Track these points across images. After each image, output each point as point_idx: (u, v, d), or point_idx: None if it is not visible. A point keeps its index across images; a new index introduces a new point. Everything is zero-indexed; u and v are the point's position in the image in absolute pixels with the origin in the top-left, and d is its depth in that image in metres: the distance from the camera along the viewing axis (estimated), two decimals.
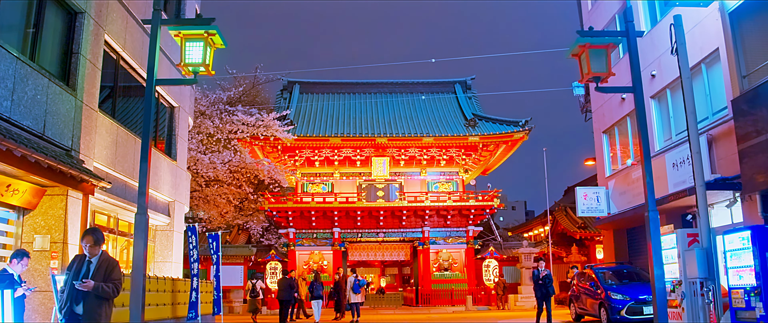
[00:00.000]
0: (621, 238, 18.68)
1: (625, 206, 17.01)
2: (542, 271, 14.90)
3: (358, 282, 19.03)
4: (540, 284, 14.79)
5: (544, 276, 14.77)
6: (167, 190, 14.75)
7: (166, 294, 13.19)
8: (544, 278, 14.75)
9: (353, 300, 18.88)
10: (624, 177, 17.25)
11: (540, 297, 14.85)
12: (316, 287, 19.20)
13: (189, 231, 11.91)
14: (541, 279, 14.76)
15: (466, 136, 29.34)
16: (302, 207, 29.62)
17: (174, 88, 15.46)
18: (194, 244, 11.68)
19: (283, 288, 19.05)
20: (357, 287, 18.90)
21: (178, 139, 15.79)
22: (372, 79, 35.37)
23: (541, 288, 14.78)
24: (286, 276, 19.39)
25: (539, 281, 14.80)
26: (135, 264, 10.15)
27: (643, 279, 14.96)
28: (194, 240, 11.70)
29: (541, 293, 14.80)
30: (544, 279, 14.74)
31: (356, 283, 18.97)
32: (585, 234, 30.29)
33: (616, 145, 18.52)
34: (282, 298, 19.01)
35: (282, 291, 19.05)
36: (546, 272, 14.94)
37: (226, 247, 28.51)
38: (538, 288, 14.87)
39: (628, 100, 17.32)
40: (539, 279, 14.80)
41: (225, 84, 29.49)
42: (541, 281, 14.76)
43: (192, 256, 11.62)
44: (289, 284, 19.15)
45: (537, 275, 14.92)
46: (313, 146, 30.14)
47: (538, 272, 14.95)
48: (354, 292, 18.89)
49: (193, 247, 11.63)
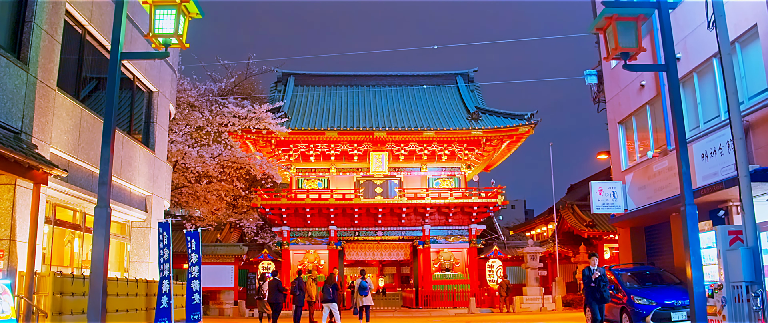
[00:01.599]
0: (638, 237, 17.32)
1: (644, 202, 15.65)
2: (595, 271, 12.10)
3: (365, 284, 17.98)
4: (593, 287, 12.06)
5: (597, 278, 11.99)
6: (144, 183, 13.37)
7: (139, 298, 11.79)
8: (597, 279, 11.99)
9: (362, 303, 17.78)
10: (643, 170, 15.89)
11: (594, 302, 12.13)
12: (328, 290, 17.84)
13: (160, 228, 10.52)
14: (594, 281, 12.01)
15: (469, 129, 27.97)
16: (297, 204, 28.25)
17: (152, 71, 14.08)
18: (165, 242, 10.31)
19: (272, 291, 17.81)
20: (365, 289, 17.83)
21: (157, 127, 14.40)
22: (370, 71, 34.00)
23: (594, 291, 12.07)
24: (275, 277, 18.11)
25: (592, 283, 12.06)
26: (94, 264, 8.74)
27: (669, 281, 13.61)
28: (166, 237, 10.32)
29: (594, 298, 12.10)
30: (599, 281, 12.00)
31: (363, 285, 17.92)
32: (593, 232, 28.95)
33: (633, 136, 17.15)
34: (271, 301, 17.82)
35: (271, 293, 17.82)
36: (600, 272, 12.12)
37: (217, 246, 27.13)
38: (591, 293, 12.14)
39: (648, 87, 15.96)
40: (592, 280, 12.04)
41: (216, 75, 28.06)
42: (594, 283, 12.02)
43: (162, 256, 10.24)
44: (277, 286, 17.91)
45: (589, 275, 12.15)
46: (308, 140, 28.76)
47: (590, 271, 12.16)
48: (362, 295, 17.80)
49: (164, 246, 10.26)
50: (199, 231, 12.18)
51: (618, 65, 18.10)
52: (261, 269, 28.38)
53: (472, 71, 33.31)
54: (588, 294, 12.23)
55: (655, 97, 15.57)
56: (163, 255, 10.23)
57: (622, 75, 17.71)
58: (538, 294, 26.41)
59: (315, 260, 29.19)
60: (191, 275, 12.15)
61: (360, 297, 17.81)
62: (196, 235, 11.99)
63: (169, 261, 10.31)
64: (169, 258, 10.31)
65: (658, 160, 15.12)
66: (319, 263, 29.24)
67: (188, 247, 11.92)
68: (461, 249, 29.42)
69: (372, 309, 19.50)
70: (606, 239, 29.62)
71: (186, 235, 12.01)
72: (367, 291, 17.83)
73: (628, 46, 10.09)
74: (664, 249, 16.12)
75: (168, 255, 10.33)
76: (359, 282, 17.97)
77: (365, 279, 18.20)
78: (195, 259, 11.95)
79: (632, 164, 17.06)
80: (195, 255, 11.95)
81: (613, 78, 18.32)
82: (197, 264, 11.93)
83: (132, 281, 11.35)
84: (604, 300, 11.95)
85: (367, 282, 18.26)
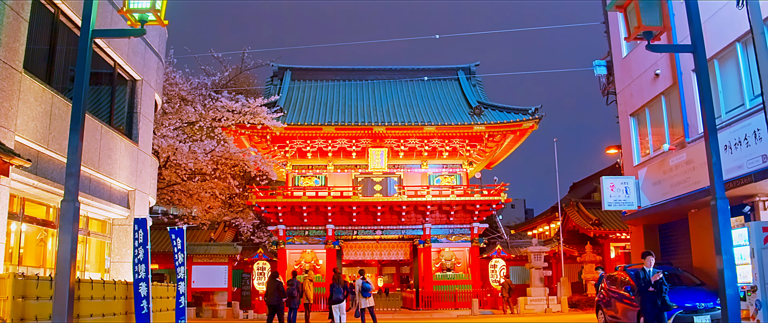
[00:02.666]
0: (652, 235, 16.43)
1: (659, 198, 14.76)
2: (655, 273, 10.19)
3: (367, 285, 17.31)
4: (651, 292, 10.15)
5: (657, 281, 10.10)
6: (125, 177, 12.46)
7: (118, 302, 10.87)
8: (656, 283, 10.11)
9: (364, 305, 17.12)
10: (658, 165, 15.00)
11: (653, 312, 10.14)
12: (336, 289, 17.26)
13: (136, 224, 9.61)
14: (652, 285, 10.14)
15: (471, 124, 27.06)
16: (293, 202, 27.33)
17: (136, 58, 13.16)
18: (141, 241, 9.38)
19: (271, 291, 16.91)
20: (367, 290, 17.15)
21: (141, 117, 13.48)
22: (369, 66, 33.08)
23: (652, 298, 10.15)
24: (275, 277, 17.23)
25: (650, 287, 10.15)
26: (60, 264, 7.85)
27: (689, 283, 12.73)
28: (142, 235, 9.40)
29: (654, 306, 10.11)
30: (658, 285, 10.12)
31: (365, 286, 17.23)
32: (599, 231, 28.09)
33: (646, 129, 16.26)
34: (270, 303, 16.92)
35: (269, 294, 16.94)
36: (659, 275, 10.11)
37: (210, 245, 26.22)
38: (649, 300, 10.19)
39: (663, 76, 15.07)
40: (650, 283, 10.13)
41: (210, 69, 27.10)
42: (652, 287, 10.14)
43: (136, 256, 9.32)
44: (277, 287, 17.02)
45: (645, 278, 10.23)
46: (304, 136, 27.84)
47: (646, 273, 10.25)
48: (364, 296, 17.12)
49: (139, 244, 9.34)
50: (184, 229, 11.26)
51: (629, 54, 17.23)
52: (256, 269, 27.47)
53: (474, 65, 32.40)
54: (645, 301, 10.28)
55: (671, 86, 14.68)
56: (138, 254, 9.32)
57: (634, 64, 16.83)
58: (542, 295, 25.53)
59: (312, 260, 28.26)
60: (177, 276, 11.22)
61: (362, 299, 17.17)
62: (181, 233, 11.08)
63: (145, 262, 9.39)
64: (145, 258, 9.39)
65: (674, 153, 14.24)
66: (316, 263, 28.33)
67: (173, 246, 10.99)
68: (463, 249, 28.51)
69: None
70: (612, 238, 28.77)
71: (170, 233, 11.10)
72: (370, 293, 17.18)
73: (651, 24, 9.23)
74: (680, 248, 15.24)
75: (144, 254, 9.42)
76: (361, 283, 17.26)
77: (367, 280, 17.51)
78: (181, 259, 11.04)
79: (645, 158, 16.17)
80: (181, 255, 11.04)
81: (625, 68, 17.43)
82: (183, 264, 11.00)
83: (109, 283, 10.41)
84: (666, 307, 10.04)
85: (369, 283, 17.60)
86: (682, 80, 14.12)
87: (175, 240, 10.87)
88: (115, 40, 12.03)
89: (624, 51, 17.54)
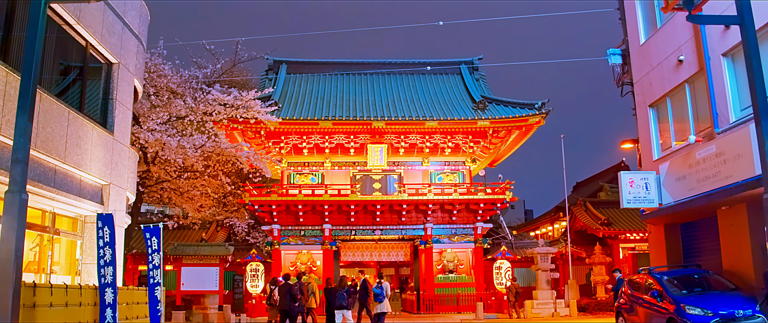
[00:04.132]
0: (674, 235, 15.23)
1: (684, 194, 13.54)
2: None
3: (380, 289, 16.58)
4: None
5: None
6: (98, 170, 11.22)
7: (86, 309, 9.65)
8: None
9: (378, 310, 16.46)
10: (682, 159, 13.78)
11: None
12: (341, 295, 16.49)
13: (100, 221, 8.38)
14: None
15: (475, 119, 25.84)
16: (288, 200, 26.10)
17: (111, 39, 11.93)
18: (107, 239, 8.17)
19: (283, 296, 15.79)
20: (380, 295, 16.42)
21: (117, 104, 12.25)
22: (368, 59, 31.88)
23: None
24: (287, 280, 16.07)
25: None
26: (2, 266, 6.63)
27: (721, 287, 11.52)
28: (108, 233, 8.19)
29: None
30: None
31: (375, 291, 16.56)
32: (608, 231, 26.90)
33: (667, 120, 15.06)
34: (281, 307, 15.83)
35: (281, 298, 15.81)
36: None
37: (200, 246, 24.96)
38: None
39: (688, 62, 13.87)
40: None
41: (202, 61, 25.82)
42: None
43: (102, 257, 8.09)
44: (289, 291, 15.92)
45: None
46: (300, 131, 26.60)
47: None
48: (377, 301, 16.47)
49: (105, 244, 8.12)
50: (160, 227, 10.04)
51: (648, 41, 16.04)
52: (249, 271, 26.21)
53: (477, 59, 31.21)
54: None
55: (697, 73, 13.48)
56: (104, 255, 8.10)
57: (653, 51, 15.64)
58: (549, 298, 24.30)
59: (308, 261, 27.06)
60: (153, 279, 9.98)
61: (375, 304, 16.52)
62: (156, 231, 9.84)
63: (113, 264, 8.17)
64: (112, 260, 8.17)
65: (701, 145, 13.03)
66: (312, 264, 27.12)
67: (148, 246, 9.77)
68: (466, 250, 27.32)
69: None
70: (622, 239, 27.59)
71: (145, 231, 9.88)
72: (383, 297, 16.44)
73: None
74: (706, 249, 14.03)
75: (111, 255, 8.21)
76: (374, 286, 16.68)
77: (381, 284, 16.73)
78: (157, 260, 9.80)
79: (667, 152, 14.96)
80: (157, 256, 9.81)
81: (643, 56, 16.23)
82: (159, 266, 9.77)
83: (74, 288, 9.19)
84: None
85: (383, 286, 16.77)
86: (711, 65, 12.92)
87: (150, 240, 9.65)
88: (88, 17, 10.81)
89: (642, 37, 16.35)
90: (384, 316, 16.45)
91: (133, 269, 27.84)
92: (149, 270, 9.90)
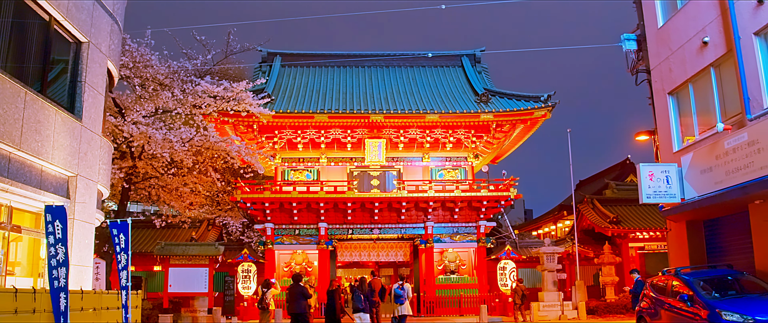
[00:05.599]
0: (697, 233, 14.06)
1: (711, 188, 12.39)
2: None
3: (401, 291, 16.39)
4: None
5: None
6: (63, 159, 10.03)
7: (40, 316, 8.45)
8: None
9: (400, 312, 16.23)
10: (708, 149, 12.62)
11: None
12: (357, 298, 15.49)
13: (49, 214, 7.21)
14: None
15: (478, 112, 24.65)
16: (282, 197, 24.90)
17: (80, 15, 10.73)
18: (59, 237, 7.01)
19: (294, 298, 14.63)
20: (400, 297, 16.10)
21: (87, 88, 11.04)
22: (366, 51, 30.70)
23: None
24: (297, 281, 14.93)
25: None
26: None
27: (757, 289, 10.34)
28: (59, 229, 7.03)
29: None
30: None
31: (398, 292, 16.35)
32: (618, 230, 25.73)
33: (690, 108, 13.90)
34: (292, 311, 14.69)
35: (292, 301, 14.65)
36: None
37: (189, 245, 23.77)
38: None
39: (714, 44, 12.70)
40: None
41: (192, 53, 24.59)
42: None
43: (54, 256, 6.93)
44: (300, 292, 14.79)
45: None
46: (295, 125, 25.39)
47: None
48: (397, 303, 16.22)
49: (56, 241, 6.95)
50: (128, 222, 8.85)
51: (668, 23, 14.87)
52: (241, 272, 25.00)
53: (479, 51, 30.03)
54: None
55: (725, 54, 12.32)
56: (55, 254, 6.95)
57: (673, 34, 14.48)
58: (556, 300, 23.09)
59: (303, 261, 25.88)
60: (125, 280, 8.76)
61: (395, 306, 16.29)
62: (124, 228, 8.65)
63: (65, 265, 7.00)
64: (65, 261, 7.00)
65: (730, 134, 11.87)
66: (308, 265, 25.94)
67: (115, 245, 8.58)
68: (468, 249, 26.15)
69: None
70: (631, 238, 26.44)
71: (111, 227, 8.69)
72: (404, 299, 16.21)
73: None
74: (734, 247, 12.87)
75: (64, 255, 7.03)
76: (394, 289, 16.42)
77: (402, 285, 16.49)
78: (124, 260, 8.60)
79: (689, 143, 13.79)
80: (124, 256, 8.61)
81: (661, 39, 15.06)
82: (126, 267, 8.56)
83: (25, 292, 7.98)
84: None
85: (404, 288, 16.40)
86: (741, 46, 11.75)
87: (117, 237, 8.47)
88: None
89: (660, 20, 15.19)
90: (405, 319, 16.18)
91: None
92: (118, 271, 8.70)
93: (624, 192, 30.97)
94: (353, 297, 15.88)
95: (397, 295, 16.07)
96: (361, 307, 15.49)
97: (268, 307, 15.90)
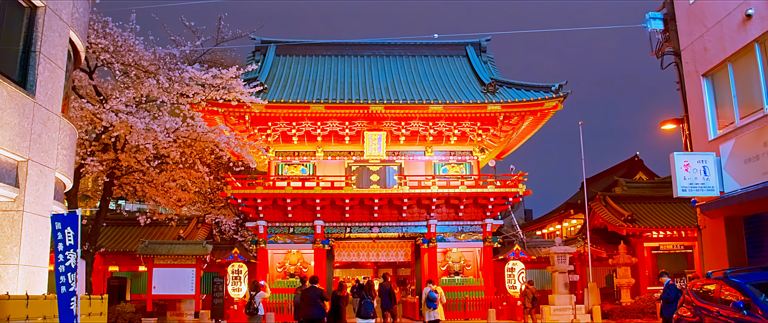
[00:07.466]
0: (736, 230, 12.57)
1: (758, 179, 10.91)
2: None
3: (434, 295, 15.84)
4: None
5: None
6: (9, 140, 8.50)
7: None
8: None
9: (431, 317, 15.78)
10: (754, 136, 11.14)
11: None
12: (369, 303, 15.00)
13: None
14: None
15: (485, 103, 23.15)
16: (275, 193, 23.39)
17: None
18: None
19: (311, 301, 13.41)
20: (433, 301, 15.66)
21: (42, 59, 9.51)
22: (365, 40, 29.20)
23: None
24: (313, 283, 13.53)
25: None
26: None
27: None
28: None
29: None
30: None
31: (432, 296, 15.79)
32: (633, 229, 24.24)
33: (729, 90, 12.40)
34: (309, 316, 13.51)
35: (308, 305, 13.41)
36: None
37: (174, 244, 22.25)
38: None
39: (759, 16, 11.21)
40: None
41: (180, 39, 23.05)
42: None
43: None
44: (319, 294, 13.58)
45: None
46: (290, 116, 23.86)
47: None
48: (429, 307, 15.75)
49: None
50: (77, 214, 7.32)
51: None
52: (231, 272, 23.47)
53: (485, 40, 28.53)
54: None
55: None
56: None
57: (709, 10, 12.97)
58: (568, 303, 21.61)
59: (298, 261, 24.38)
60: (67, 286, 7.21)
61: (427, 310, 15.78)
62: (71, 220, 7.12)
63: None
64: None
65: None
66: (303, 265, 24.45)
67: (58, 242, 7.05)
68: (473, 249, 24.65)
69: None
70: (646, 237, 24.95)
71: (53, 221, 7.16)
72: (436, 303, 15.71)
73: None
74: None
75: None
76: (427, 292, 15.87)
77: (434, 289, 15.96)
78: (72, 260, 7.07)
79: (729, 129, 12.30)
80: (72, 254, 7.08)
81: (694, 16, 13.56)
82: (74, 269, 7.02)
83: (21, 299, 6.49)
84: None
85: (436, 292, 15.97)
86: None
87: (63, 232, 6.95)
88: None
89: None
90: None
91: (104, 270, 25.14)
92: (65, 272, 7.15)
93: (635, 189, 29.52)
94: (362, 302, 14.99)
95: (431, 299, 15.51)
96: (370, 314, 14.64)
97: (256, 312, 14.39)
